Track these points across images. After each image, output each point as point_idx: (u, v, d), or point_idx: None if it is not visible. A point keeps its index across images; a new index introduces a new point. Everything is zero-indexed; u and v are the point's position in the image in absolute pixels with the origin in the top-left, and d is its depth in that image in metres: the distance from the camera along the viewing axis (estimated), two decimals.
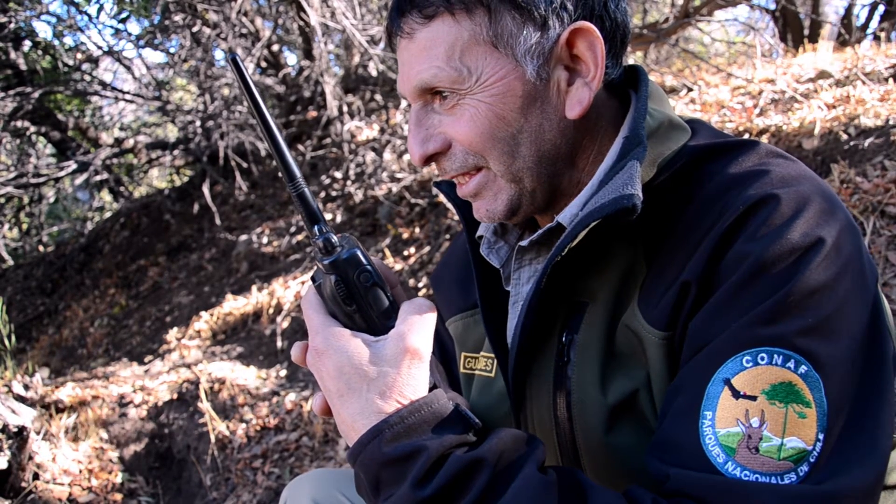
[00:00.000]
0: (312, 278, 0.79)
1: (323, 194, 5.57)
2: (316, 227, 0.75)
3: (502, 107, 0.79)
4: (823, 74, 3.85)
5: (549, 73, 0.79)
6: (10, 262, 7.88)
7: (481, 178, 0.84)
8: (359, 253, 0.74)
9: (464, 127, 0.80)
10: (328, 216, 5.28)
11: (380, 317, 0.75)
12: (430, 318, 0.75)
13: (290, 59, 7.07)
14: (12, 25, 5.23)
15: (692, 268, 0.71)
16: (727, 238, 0.70)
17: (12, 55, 6.01)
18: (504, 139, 0.80)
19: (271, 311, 4.30)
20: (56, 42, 5.94)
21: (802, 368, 0.64)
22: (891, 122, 2.78)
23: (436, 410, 0.71)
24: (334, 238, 0.74)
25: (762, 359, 0.65)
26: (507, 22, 0.77)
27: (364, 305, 0.75)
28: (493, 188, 0.85)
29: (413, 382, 0.72)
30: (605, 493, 0.66)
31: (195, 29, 5.21)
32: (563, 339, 0.83)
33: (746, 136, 3.23)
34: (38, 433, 2.79)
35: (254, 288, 4.64)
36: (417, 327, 0.73)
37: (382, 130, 5.44)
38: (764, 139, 3.13)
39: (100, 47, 5.80)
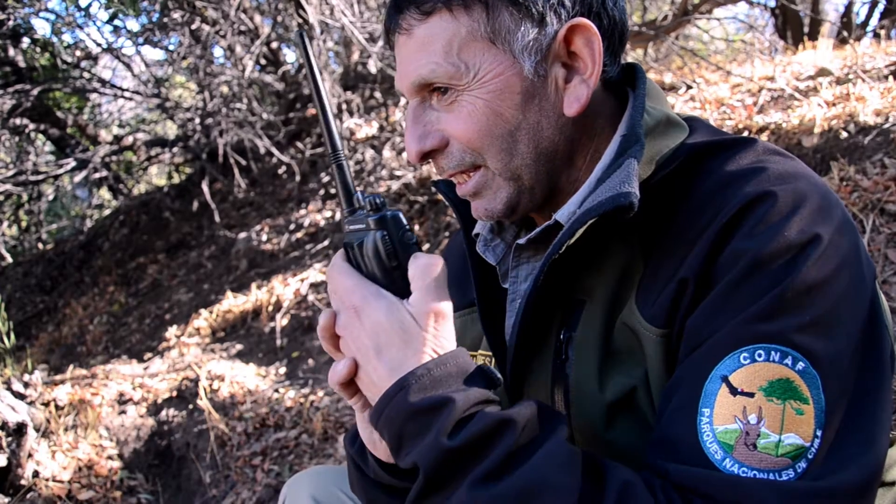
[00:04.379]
0: (345, 243, 0.81)
1: (322, 192, 5.57)
2: (358, 193, 0.79)
3: (500, 103, 0.79)
4: (823, 72, 3.85)
5: (546, 70, 0.79)
6: (10, 260, 7.88)
7: (480, 177, 0.84)
8: (401, 216, 0.78)
9: (461, 123, 0.80)
10: (328, 214, 5.28)
11: None
12: (441, 272, 0.77)
13: (290, 56, 7.06)
14: (11, 22, 5.23)
15: (689, 265, 0.71)
16: (724, 235, 0.70)
17: (11, 52, 6.00)
18: (502, 136, 0.80)
19: (271, 308, 4.30)
20: (55, 39, 5.93)
21: (800, 365, 0.64)
22: (890, 120, 2.78)
23: (461, 365, 0.72)
24: (381, 199, 0.78)
25: (759, 355, 0.65)
26: (505, 18, 0.77)
27: (405, 263, 0.77)
28: (492, 187, 0.84)
29: (442, 339, 0.73)
30: (622, 469, 0.67)
31: (194, 26, 5.21)
32: (561, 336, 0.83)
33: (746, 133, 3.23)
34: (37, 430, 2.79)
35: (253, 286, 4.64)
36: (434, 285, 0.75)
37: (382, 128, 5.44)
38: (764, 137, 3.13)
39: (99, 45, 5.79)
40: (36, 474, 2.60)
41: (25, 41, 6.06)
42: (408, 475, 0.87)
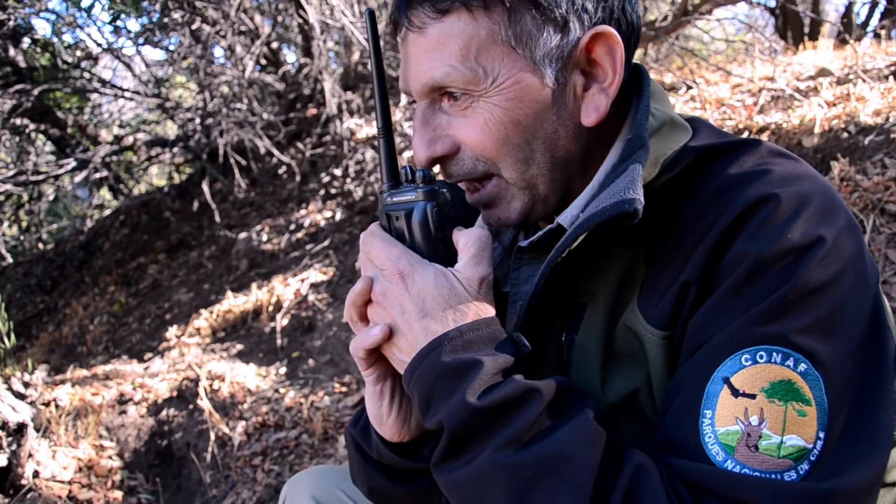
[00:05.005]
0: (386, 213, 0.83)
1: (322, 192, 5.57)
2: (407, 167, 0.82)
3: (518, 112, 0.76)
4: (823, 72, 3.85)
5: (566, 78, 0.77)
6: (10, 260, 7.88)
7: (493, 187, 0.82)
8: (447, 193, 0.82)
9: (476, 131, 0.78)
10: (328, 214, 5.28)
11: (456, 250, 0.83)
12: (490, 245, 0.80)
13: (290, 56, 7.06)
14: (11, 23, 5.22)
15: (692, 268, 0.71)
16: (727, 237, 0.70)
17: (11, 52, 6.00)
18: (519, 145, 0.78)
19: (271, 308, 4.30)
20: (55, 39, 5.93)
21: (802, 366, 0.64)
22: (891, 120, 2.78)
23: (492, 331, 0.74)
24: (432, 173, 0.81)
25: (761, 357, 0.65)
26: (527, 22, 0.74)
27: (449, 236, 0.80)
28: (506, 197, 0.83)
29: (486, 305, 0.76)
30: (640, 454, 0.68)
31: (194, 26, 5.21)
32: (563, 339, 0.83)
33: (746, 133, 3.23)
34: (37, 431, 2.79)
35: (253, 286, 4.64)
36: (485, 255, 0.78)
37: None
38: (764, 137, 3.13)
39: (99, 45, 5.79)
40: (36, 474, 2.60)
41: (26, 41, 6.06)
42: (411, 454, 0.88)
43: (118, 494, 2.72)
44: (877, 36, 6.53)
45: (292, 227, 5.41)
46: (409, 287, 0.75)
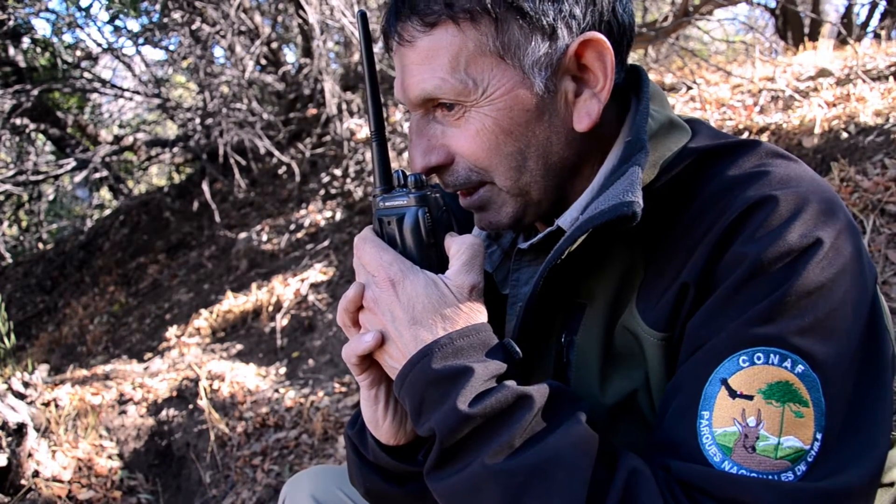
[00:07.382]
0: (378, 218, 0.82)
1: (322, 192, 5.57)
2: (400, 171, 0.80)
3: (510, 121, 0.77)
4: (823, 72, 3.85)
5: (556, 85, 0.77)
6: (10, 260, 7.88)
7: (485, 192, 0.83)
8: (440, 198, 0.81)
9: (469, 141, 0.79)
10: (328, 214, 5.28)
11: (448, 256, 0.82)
12: (482, 252, 0.80)
13: (290, 56, 7.06)
14: (11, 22, 5.22)
15: (691, 269, 0.71)
16: (725, 239, 0.70)
17: (11, 52, 6.00)
18: (511, 154, 0.79)
19: (271, 308, 4.30)
20: (55, 39, 5.93)
21: (799, 368, 0.64)
22: (891, 121, 2.78)
23: (483, 338, 0.74)
24: (425, 178, 0.80)
25: (759, 358, 0.65)
26: (515, 32, 0.74)
27: (441, 242, 0.80)
28: (497, 202, 0.83)
29: (476, 313, 0.76)
30: (634, 456, 0.68)
31: (194, 26, 5.21)
32: (563, 340, 0.83)
33: (746, 134, 3.23)
34: (37, 430, 2.79)
35: (253, 286, 4.64)
36: (477, 262, 0.78)
37: None
38: (764, 137, 3.13)
39: (99, 45, 5.79)
40: (36, 474, 2.60)
41: (26, 41, 6.06)
42: (406, 458, 0.88)
43: (118, 494, 2.72)
44: (877, 36, 6.53)
45: (292, 227, 5.42)
46: (400, 294, 0.75)
